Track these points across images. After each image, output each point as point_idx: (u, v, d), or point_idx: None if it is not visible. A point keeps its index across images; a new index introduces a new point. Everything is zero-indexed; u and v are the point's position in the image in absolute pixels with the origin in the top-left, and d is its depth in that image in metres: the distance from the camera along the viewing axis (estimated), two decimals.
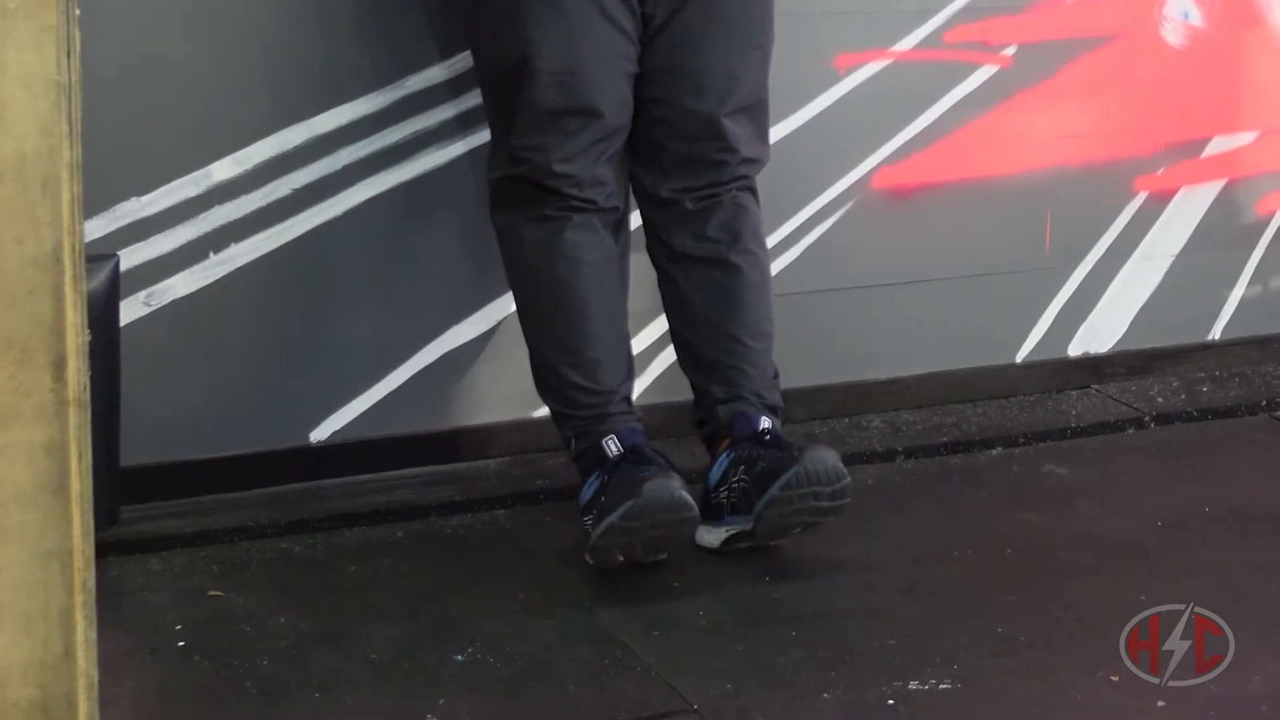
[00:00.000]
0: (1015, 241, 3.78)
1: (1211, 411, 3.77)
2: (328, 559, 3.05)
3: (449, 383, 3.36)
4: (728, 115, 3.06)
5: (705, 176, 3.08)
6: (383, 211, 3.26)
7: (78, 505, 2.10)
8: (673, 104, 3.05)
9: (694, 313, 3.11)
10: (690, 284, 3.11)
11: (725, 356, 3.09)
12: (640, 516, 2.82)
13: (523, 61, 2.95)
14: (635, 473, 2.87)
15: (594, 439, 3.00)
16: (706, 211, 3.09)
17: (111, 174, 3.04)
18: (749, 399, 3.07)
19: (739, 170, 3.09)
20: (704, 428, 3.13)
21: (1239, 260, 3.99)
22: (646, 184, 3.11)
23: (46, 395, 2.07)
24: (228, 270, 3.18)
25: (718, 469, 3.04)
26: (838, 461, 2.92)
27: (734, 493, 2.99)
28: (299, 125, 3.19)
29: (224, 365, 3.21)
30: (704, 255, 3.10)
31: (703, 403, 3.13)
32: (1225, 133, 3.93)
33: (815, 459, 2.90)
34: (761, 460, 2.96)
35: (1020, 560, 3.06)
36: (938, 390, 3.74)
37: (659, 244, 3.14)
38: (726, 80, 3.05)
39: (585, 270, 3.02)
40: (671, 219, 3.11)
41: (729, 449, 3.04)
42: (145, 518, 3.11)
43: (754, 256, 3.13)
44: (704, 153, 3.07)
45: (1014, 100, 3.72)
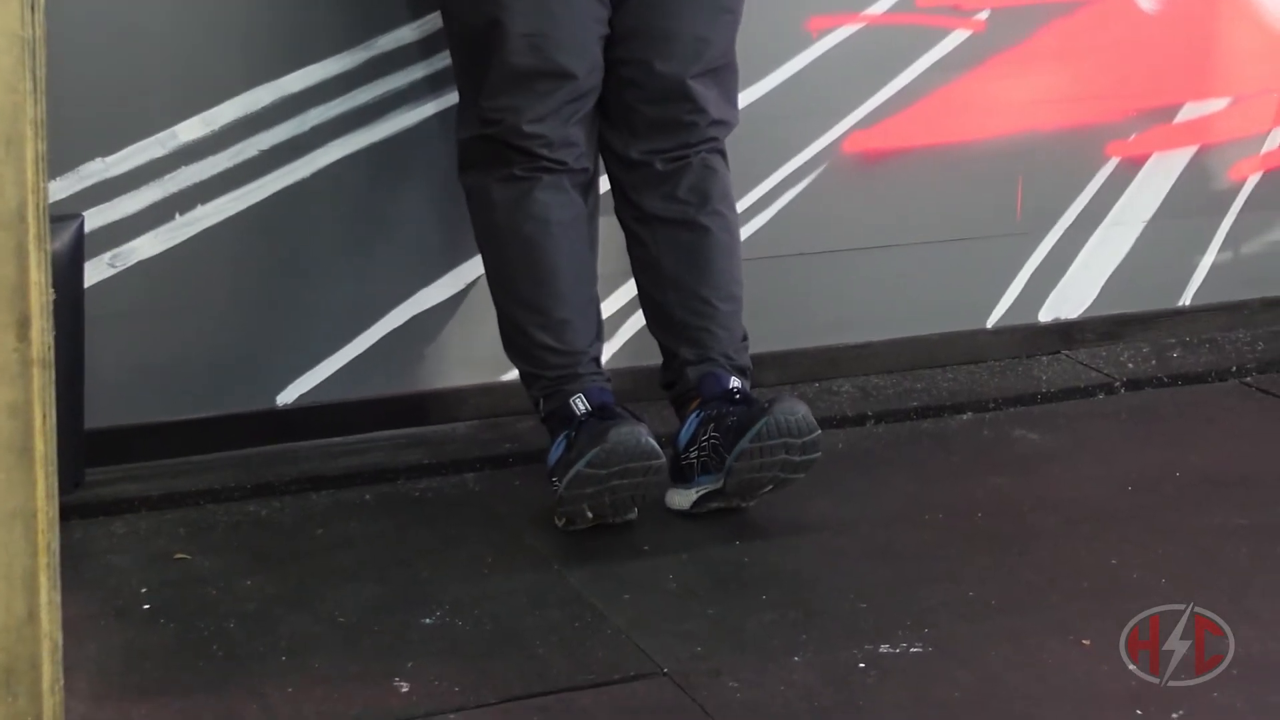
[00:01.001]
0: (987, 207, 3.77)
1: (1182, 377, 3.76)
2: (295, 522, 3.04)
3: (418, 346, 3.34)
4: (694, 77, 3.05)
5: (675, 138, 3.07)
6: (352, 173, 3.24)
7: (41, 467, 2.08)
8: (642, 66, 3.03)
9: (663, 274, 3.10)
10: (659, 245, 3.10)
11: (694, 318, 3.08)
12: (607, 463, 2.81)
13: (493, 23, 2.93)
14: (602, 425, 2.86)
15: (562, 399, 2.99)
16: (676, 173, 3.08)
17: (77, 134, 3.02)
18: (718, 360, 3.07)
19: (708, 132, 3.09)
20: (673, 389, 3.12)
21: (1210, 226, 3.99)
22: (616, 146, 3.10)
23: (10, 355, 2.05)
24: (194, 232, 3.16)
25: (687, 429, 3.03)
26: (808, 413, 2.91)
27: (704, 451, 2.98)
28: (267, 85, 3.16)
29: (190, 328, 3.19)
30: (673, 217, 3.09)
31: (671, 364, 3.12)
32: (1197, 99, 3.93)
33: (785, 410, 2.89)
34: (731, 415, 2.95)
35: (991, 524, 3.06)
36: (908, 355, 3.73)
37: (628, 205, 3.13)
38: (695, 43, 3.04)
39: (554, 231, 3.01)
40: (642, 180, 3.09)
41: (698, 409, 3.03)
42: (110, 480, 3.09)
43: (723, 218, 3.12)
44: (673, 114, 3.06)
45: (986, 65, 3.71)
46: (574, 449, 2.87)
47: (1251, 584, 2.85)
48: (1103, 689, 2.51)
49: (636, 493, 2.90)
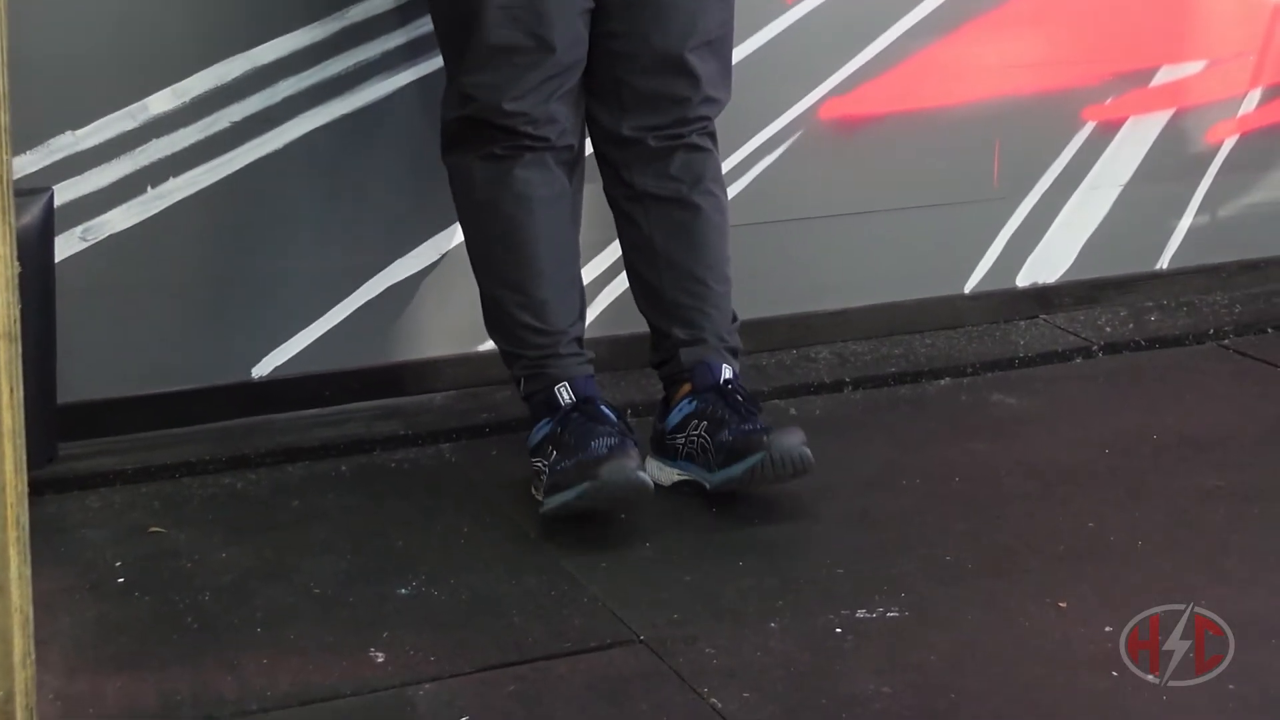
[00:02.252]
0: (963, 172, 3.76)
1: (1159, 340, 3.76)
2: (270, 494, 3.03)
3: (393, 317, 3.33)
4: (692, 50, 2.99)
5: (668, 114, 3.02)
6: (324, 144, 3.22)
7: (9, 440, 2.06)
8: (634, 38, 2.98)
9: (655, 253, 3.07)
10: (651, 224, 3.07)
11: (687, 298, 3.06)
12: (596, 497, 2.79)
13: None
14: (590, 440, 2.83)
15: (545, 382, 2.97)
16: (669, 151, 3.04)
17: (45, 107, 3.01)
18: (710, 342, 3.04)
19: (700, 109, 3.04)
20: (664, 368, 3.10)
21: (1187, 190, 3.98)
22: (606, 122, 3.05)
23: None
24: (166, 205, 3.15)
25: (677, 413, 3.01)
26: (803, 445, 2.88)
27: (691, 444, 2.96)
28: (238, 57, 3.15)
29: (163, 301, 3.18)
30: (666, 195, 3.05)
31: (662, 344, 3.09)
32: (1173, 62, 3.92)
33: (783, 448, 2.86)
34: (727, 427, 2.92)
35: (968, 489, 3.06)
36: (886, 321, 3.73)
37: (620, 184, 3.08)
38: (688, 15, 2.98)
39: (535, 209, 2.98)
40: (634, 158, 3.05)
41: (691, 396, 3.01)
42: (84, 454, 3.08)
43: (715, 198, 3.10)
44: (666, 88, 3.01)
45: (962, 30, 3.70)
46: (560, 453, 2.84)
47: (1228, 545, 2.84)
48: (1079, 651, 2.51)
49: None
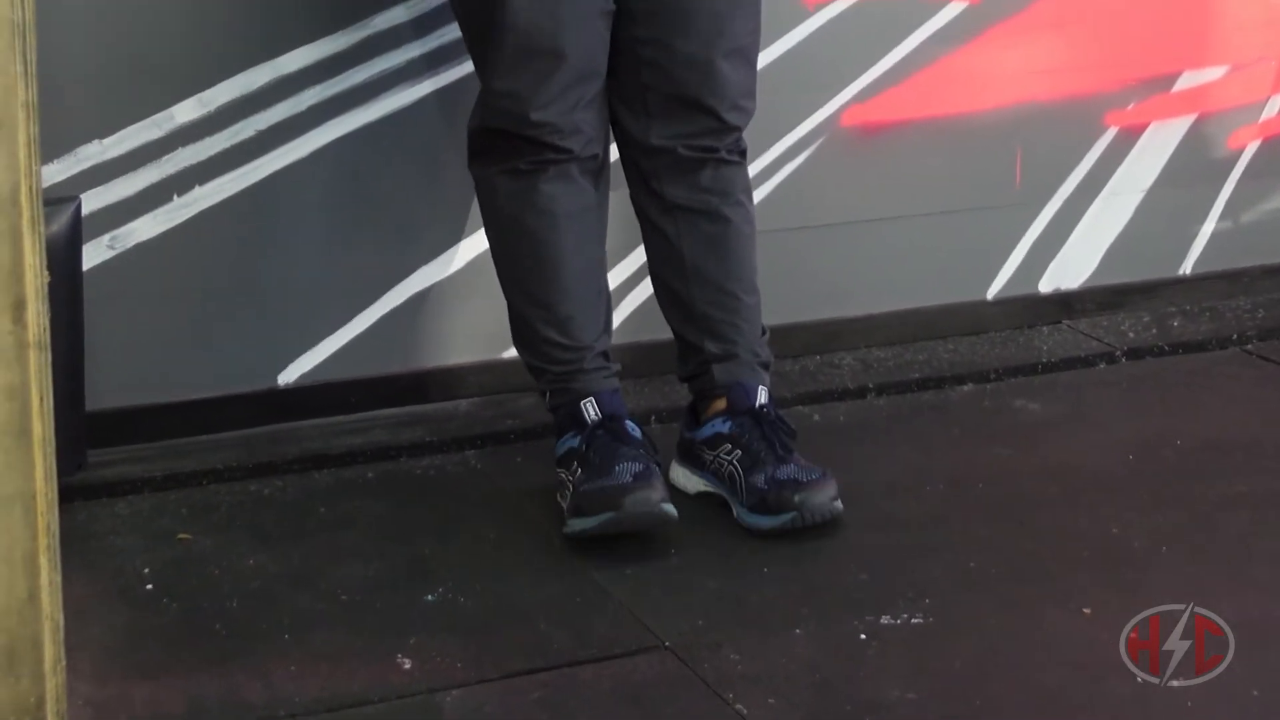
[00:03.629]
0: (986, 178, 3.77)
1: (1182, 346, 3.76)
2: (297, 501, 3.05)
3: (417, 324, 3.34)
4: (718, 57, 2.96)
5: (696, 122, 2.99)
6: (349, 152, 3.24)
7: (40, 448, 2.09)
8: (661, 44, 2.95)
9: (685, 265, 3.05)
10: (681, 236, 3.05)
11: (718, 311, 3.05)
12: (619, 526, 2.80)
13: (487, 4, 2.90)
14: (615, 463, 2.84)
15: (571, 396, 2.97)
16: (700, 162, 3.01)
17: (73, 117, 3.02)
18: (743, 357, 3.04)
19: (730, 118, 3.00)
20: (695, 381, 3.08)
21: (1209, 195, 3.98)
22: (633, 130, 3.02)
23: (6, 338, 2.06)
24: (192, 213, 3.16)
25: (709, 428, 3.01)
26: (834, 502, 2.89)
27: (721, 465, 2.96)
28: (263, 65, 3.16)
29: (190, 308, 3.19)
30: (697, 206, 3.04)
31: (693, 358, 3.08)
32: (1195, 67, 3.92)
33: (813, 507, 2.87)
34: (762, 469, 2.91)
35: (991, 494, 3.06)
36: (909, 327, 3.73)
37: (649, 194, 3.06)
38: (715, 19, 2.95)
39: (560, 224, 2.97)
40: (663, 167, 3.02)
41: (725, 416, 3.01)
42: (112, 462, 3.09)
43: (745, 210, 3.09)
44: (693, 95, 2.97)
45: (984, 36, 3.70)
46: (585, 494, 2.83)
47: (1252, 551, 2.85)
48: (1103, 657, 2.51)
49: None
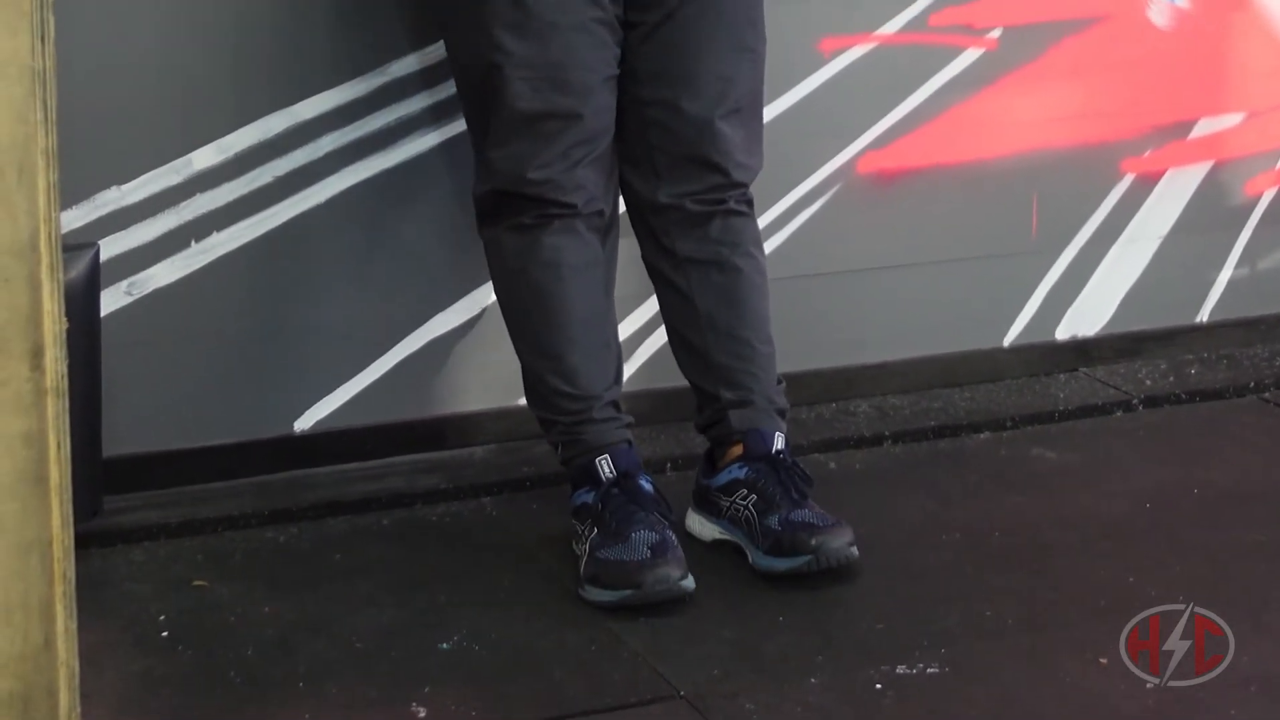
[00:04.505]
0: (1002, 225, 3.77)
1: (1200, 393, 3.75)
2: (313, 548, 3.04)
3: (433, 370, 3.34)
4: (721, 117, 3.00)
5: (704, 179, 3.02)
6: (365, 199, 3.24)
7: (56, 495, 2.09)
8: (665, 106, 2.99)
9: (698, 316, 3.07)
10: (693, 287, 3.06)
11: (734, 360, 3.06)
12: (638, 601, 2.80)
13: (493, 67, 2.90)
14: (631, 529, 2.84)
15: (582, 449, 2.97)
16: (708, 215, 3.04)
17: (91, 163, 3.03)
18: (759, 404, 3.04)
19: (736, 175, 3.04)
20: (712, 429, 3.09)
21: (1226, 242, 3.98)
22: (642, 189, 3.05)
23: (24, 384, 2.06)
24: (210, 259, 3.17)
25: (725, 475, 3.01)
26: (850, 547, 2.89)
27: (737, 511, 2.96)
28: (280, 112, 3.17)
29: (207, 354, 3.20)
30: (707, 258, 3.05)
31: (709, 406, 3.08)
32: (1212, 114, 3.92)
33: (829, 552, 2.87)
34: (777, 512, 2.92)
35: (1008, 543, 3.05)
36: (925, 374, 3.73)
37: (660, 251, 3.08)
38: (719, 82, 2.99)
39: (565, 274, 2.98)
40: (673, 223, 3.05)
41: (741, 462, 3.01)
42: (128, 508, 3.09)
43: (755, 260, 3.10)
44: (700, 155, 3.01)
45: (999, 83, 3.70)
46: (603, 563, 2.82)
47: (1270, 600, 2.84)
48: (1121, 707, 2.51)
49: None
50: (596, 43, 2.92)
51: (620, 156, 3.05)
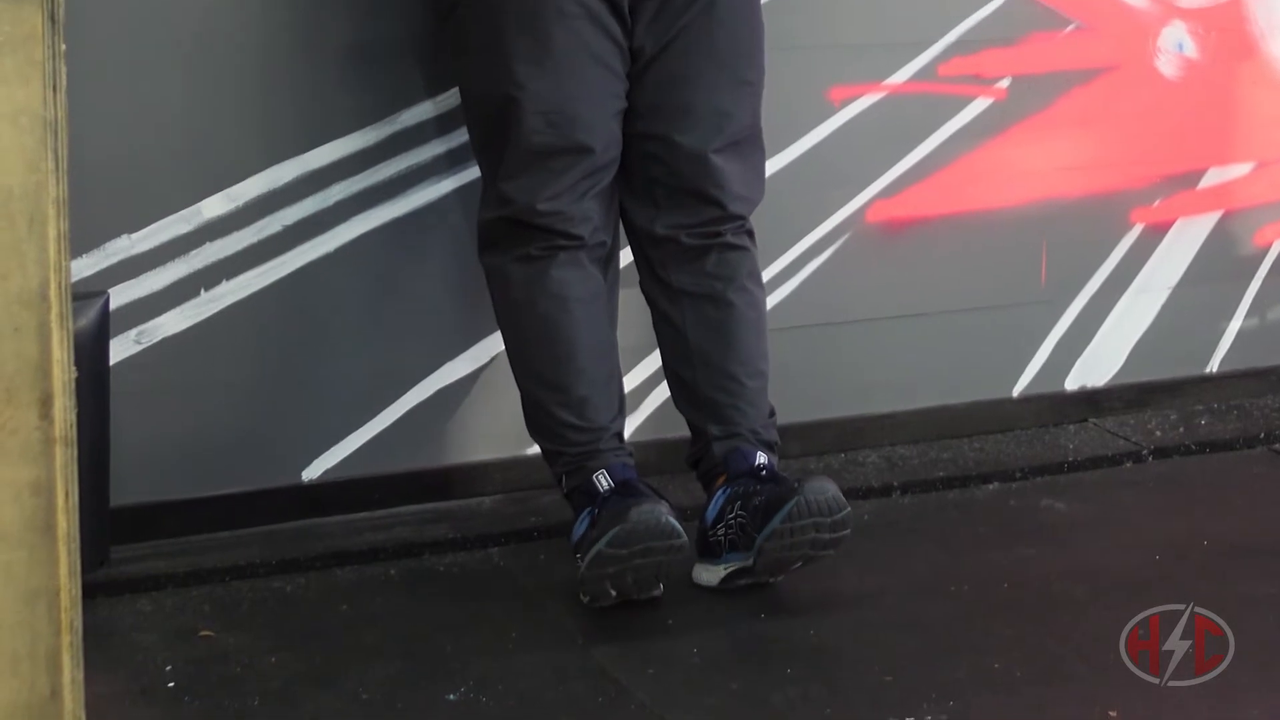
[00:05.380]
0: (1011, 275, 3.77)
1: (1210, 444, 3.75)
2: (320, 598, 3.03)
3: (441, 420, 3.34)
4: (716, 151, 3.03)
5: (700, 213, 3.06)
6: (375, 247, 3.25)
7: (64, 544, 2.09)
8: (663, 139, 3.03)
9: (690, 350, 3.09)
10: (686, 321, 3.09)
11: (722, 395, 3.08)
12: (627, 543, 2.80)
13: (510, 100, 2.94)
14: (624, 502, 2.86)
15: (585, 475, 2.99)
16: (704, 249, 3.07)
17: (102, 211, 3.03)
18: (745, 435, 3.06)
19: (733, 208, 3.07)
20: (699, 465, 3.11)
21: (1236, 292, 3.98)
22: (641, 221, 3.09)
23: (33, 433, 2.06)
24: (219, 307, 3.17)
25: (714, 506, 3.02)
26: (837, 492, 2.90)
27: (731, 529, 2.97)
28: (290, 161, 3.18)
29: (215, 403, 3.20)
30: (701, 292, 3.08)
31: (698, 441, 3.11)
32: (1221, 164, 3.93)
33: (815, 489, 2.88)
34: (759, 494, 2.94)
35: (1017, 595, 3.04)
36: (934, 425, 3.72)
37: (656, 282, 3.12)
38: (715, 115, 3.03)
39: (571, 307, 3.01)
40: (669, 256, 3.09)
41: (725, 485, 3.02)
42: (136, 558, 3.08)
43: (750, 294, 3.12)
44: (696, 188, 3.05)
45: (1009, 133, 3.71)
46: (596, 527, 2.86)
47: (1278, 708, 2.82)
48: None
49: (659, 571, 2.89)
50: (609, 76, 2.95)
51: (621, 189, 3.08)
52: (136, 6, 3.03)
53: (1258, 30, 3.89)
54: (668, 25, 2.98)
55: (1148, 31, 3.79)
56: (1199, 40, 3.84)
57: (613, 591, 2.87)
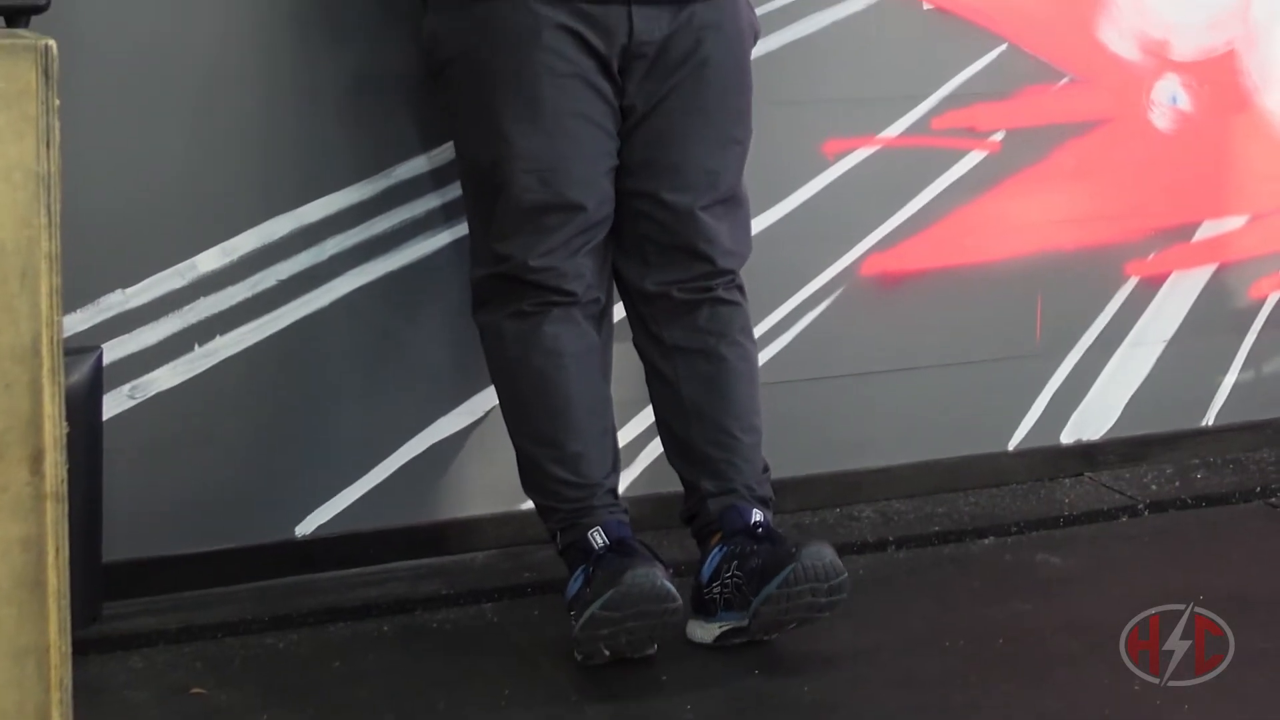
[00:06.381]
0: (1006, 328, 3.77)
1: (1206, 499, 3.74)
2: (313, 655, 3.02)
3: (436, 475, 3.33)
4: (705, 209, 3.04)
5: (691, 269, 3.06)
6: (369, 302, 3.24)
7: (54, 601, 2.08)
8: (652, 197, 3.03)
9: (683, 405, 3.09)
10: (679, 376, 3.09)
11: (716, 450, 3.07)
12: (621, 606, 2.79)
13: (501, 159, 2.94)
14: (619, 562, 2.84)
15: (579, 532, 2.98)
16: (696, 304, 3.07)
17: (96, 266, 3.03)
18: (740, 491, 3.05)
19: (723, 263, 3.07)
20: (694, 522, 3.10)
21: (1231, 345, 3.98)
22: (632, 277, 3.09)
23: (24, 489, 2.06)
24: (213, 362, 3.16)
25: (709, 564, 3.01)
26: (834, 557, 2.89)
27: (727, 588, 2.96)
28: (285, 215, 3.18)
29: (209, 459, 3.18)
30: (694, 347, 3.08)
31: (692, 496, 3.10)
32: (1215, 217, 3.93)
33: (812, 554, 2.87)
34: (755, 556, 2.93)
35: (1013, 650, 3.03)
36: (929, 479, 3.72)
37: (649, 338, 3.12)
38: (705, 174, 3.04)
39: (565, 363, 3.00)
40: (661, 312, 3.09)
41: (720, 543, 3.01)
42: (127, 614, 3.07)
43: (743, 349, 3.12)
44: (686, 244, 3.05)
45: (1003, 186, 3.71)
46: (591, 587, 2.85)
47: (1276, 708, 2.81)
48: None
49: (653, 633, 2.87)
50: (601, 134, 2.96)
51: (613, 245, 3.08)
52: (130, 62, 3.04)
53: (1251, 83, 3.90)
54: (659, 84, 2.99)
55: (1141, 84, 3.80)
56: (1193, 93, 3.85)
57: (606, 651, 2.86)
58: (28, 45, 2.06)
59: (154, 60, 3.05)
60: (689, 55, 2.99)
